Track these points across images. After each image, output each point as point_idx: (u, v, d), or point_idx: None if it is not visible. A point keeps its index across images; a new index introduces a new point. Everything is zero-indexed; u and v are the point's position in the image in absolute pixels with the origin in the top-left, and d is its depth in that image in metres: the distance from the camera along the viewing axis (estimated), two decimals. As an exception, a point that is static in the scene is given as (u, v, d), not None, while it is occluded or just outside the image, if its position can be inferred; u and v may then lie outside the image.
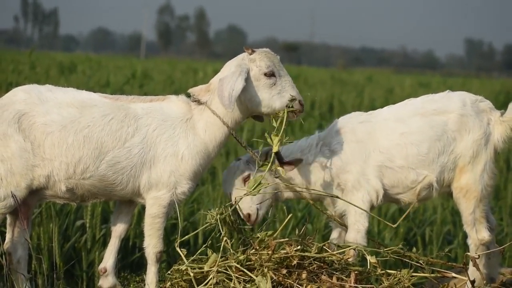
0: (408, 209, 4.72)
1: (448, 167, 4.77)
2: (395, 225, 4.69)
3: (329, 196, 4.73)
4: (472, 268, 4.58)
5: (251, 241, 4.34)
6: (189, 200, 6.97)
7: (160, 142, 4.37)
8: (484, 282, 4.67)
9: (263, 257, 4.14)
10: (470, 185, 4.74)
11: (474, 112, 4.78)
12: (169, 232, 6.28)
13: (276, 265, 4.16)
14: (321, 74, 33.95)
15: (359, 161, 4.74)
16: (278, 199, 4.91)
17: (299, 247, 4.22)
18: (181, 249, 4.26)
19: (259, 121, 4.72)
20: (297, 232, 4.37)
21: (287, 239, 4.30)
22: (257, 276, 4.04)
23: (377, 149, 4.76)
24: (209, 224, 4.31)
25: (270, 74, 4.44)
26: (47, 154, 4.24)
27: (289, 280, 4.10)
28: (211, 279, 4.10)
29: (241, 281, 4.08)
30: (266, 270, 4.08)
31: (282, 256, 4.17)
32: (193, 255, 4.33)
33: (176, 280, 4.27)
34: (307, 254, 4.22)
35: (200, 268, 4.20)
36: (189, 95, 4.57)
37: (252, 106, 4.48)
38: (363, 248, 4.33)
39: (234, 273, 4.10)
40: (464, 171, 4.74)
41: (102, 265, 4.67)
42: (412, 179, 4.75)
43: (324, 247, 4.34)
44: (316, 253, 4.24)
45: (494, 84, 32.39)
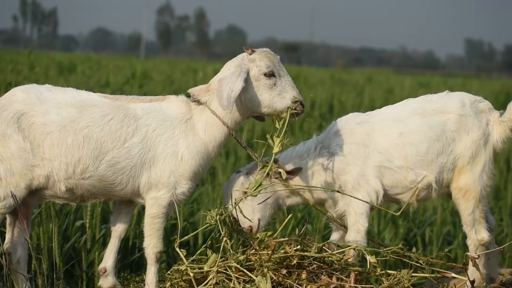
0: (408, 200, 4.72)
1: (447, 167, 4.76)
2: (398, 213, 4.67)
3: (330, 191, 4.73)
4: (471, 268, 4.58)
5: (250, 241, 4.34)
6: (189, 200, 6.97)
7: (160, 142, 4.37)
8: (484, 282, 4.67)
9: (263, 257, 4.14)
10: (469, 186, 4.73)
11: (473, 113, 4.77)
12: (169, 232, 6.28)
13: (276, 265, 4.16)
14: (321, 74, 33.92)
15: (359, 162, 4.74)
16: (280, 207, 4.90)
17: (299, 247, 4.22)
18: (181, 249, 4.26)
19: (260, 121, 4.71)
20: (297, 232, 4.36)
21: (287, 239, 4.30)
22: (257, 276, 4.04)
23: (376, 149, 4.75)
24: (209, 225, 4.31)
25: (270, 74, 4.43)
26: (46, 154, 4.23)
27: (289, 280, 4.10)
28: (211, 279, 4.10)
29: (241, 281, 4.08)
30: (266, 270, 4.07)
31: (282, 256, 4.17)
32: (193, 255, 4.33)
33: (176, 280, 4.27)
34: (307, 254, 4.22)
35: (200, 268, 4.20)
36: (188, 95, 4.57)
37: (252, 107, 4.48)
38: (363, 248, 4.33)
39: (234, 273, 4.10)
40: (463, 171, 4.74)
41: (102, 265, 4.67)
42: (411, 179, 4.75)
43: (324, 247, 4.34)
44: (316, 253, 4.24)
45: (494, 85, 32.42)
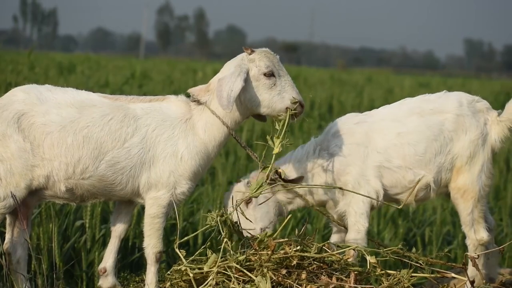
0: (405, 199, 4.72)
1: (445, 167, 4.76)
2: (400, 206, 4.67)
3: (331, 188, 4.73)
4: (471, 268, 4.58)
5: (250, 241, 4.34)
6: (188, 200, 6.97)
7: (160, 142, 4.37)
8: (484, 282, 4.67)
9: (262, 257, 4.14)
10: (467, 186, 4.73)
11: (470, 112, 4.77)
12: (169, 232, 6.28)
13: (276, 266, 4.16)
14: (320, 74, 33.92)
15: (358, 162, 4.74)
16: (282, 214, 4.90)
17: (298, 247, 4.22)
18: (180, 250, 4.26)
19: (261, 121, 4.69)
20: (296, 232, 4.36)
21: (286, 239, 4.29)
22: (256, 277, 4.04)
23: (375, 149, 4.75)
24: (209, 226, 4.30)
25: (270, 74, 4.43)
26: (46, 154, 4.23)
27: (288, 280, 4.10)
28: (211, 280, 4.10)
29: (240, 281, 4.08)
30: (265, 270, 4.07)
31: (281, 256, 4.17)
32: (193, 255, 4.33)
33: (175, 281, 4.27)
34: (306, 254, 4.22)
35: (199, 268, 4.20)
36: (188, 95, 4.56)
37: (252, 107, 4.48)
38: (363, 248, 4.33)
39: (233, 273, 4.10)
40: (462, 171, 4.74)
41: (101, 265, 4.67)
42: (409, 179, 4.75)
43: (324, 247, 4.33)
44: (315, 253, 4.24)
45: (494, 85, 32.42)
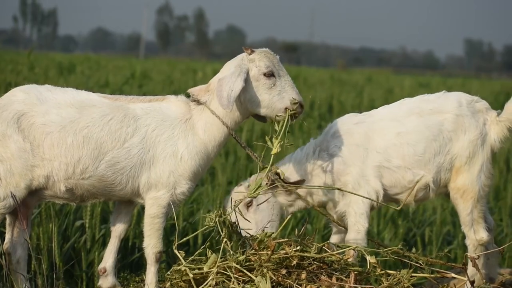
0: (405, 199, 4.72)
1: (445, 167, 4.77)
2: (399, 207, 4.68)
3: (330, 189, 4.74)
4: (471, 268, 4.58)
5: (250, 241, 4.34)
6: (188, 200, 6.97)
7: (160, 142, 4.37)
8: (484, 282, 4.67)
9: (262, 257, 4.14)
10: (467, 186, 4.73)
11: (470, 112, 4.77)
12: (169, 233, 6.27)
13: (276, 266, 4.15)
14: (320, 74, 33.91)
15: (358, 162, 4.74)
16: (283, 217, 4.90)
17: (298, 247, 4.22)
18: (179, 251, 4.25)
19: (262, 122, 4.68)
20: (296, 232, 4.36)
21: (286, 239, 4.29)
22: (256, 277, 4.04)
23: (374, 149, 4.75)
24: (208, 226, 4.30)
25: (270, 74, 4.43)
26: (46, 154, 4.23)
27: (288, 281, 4.10)
28: (211, 280, 4.10)
29: (240, 281, 4.07)
30: (265, 270, 4.07)
31: (281, 256, 4.17)
32: (192, 255, 4.33)
33: (175, 281, 4.27)
34: (306, 254, 4.22)
35: (199, 268, 4.20)
36: (188, 95, 4.56)
37: (252, 107, 4.48)
38: (363, 249, 4.33)
39: (233, 273, 4.10)
40: (461, 171, 4.74)
41: (101, 265, 4.67)
42: (409, 179, 4.75)
43: (324, 247, 4.33)
44: (315, 253, 4.24)
45: (493, 85, 32.42)
